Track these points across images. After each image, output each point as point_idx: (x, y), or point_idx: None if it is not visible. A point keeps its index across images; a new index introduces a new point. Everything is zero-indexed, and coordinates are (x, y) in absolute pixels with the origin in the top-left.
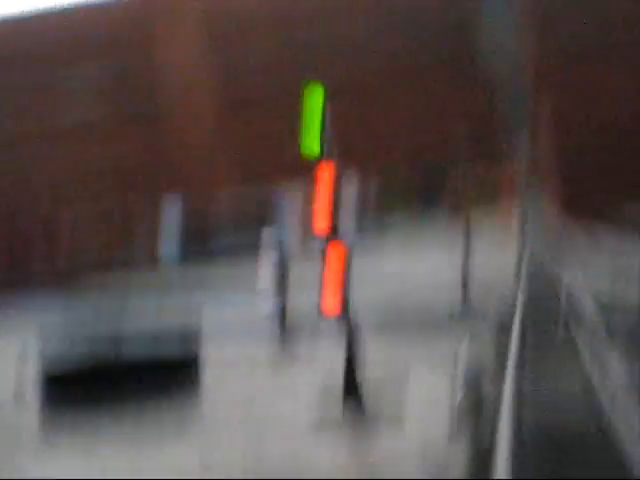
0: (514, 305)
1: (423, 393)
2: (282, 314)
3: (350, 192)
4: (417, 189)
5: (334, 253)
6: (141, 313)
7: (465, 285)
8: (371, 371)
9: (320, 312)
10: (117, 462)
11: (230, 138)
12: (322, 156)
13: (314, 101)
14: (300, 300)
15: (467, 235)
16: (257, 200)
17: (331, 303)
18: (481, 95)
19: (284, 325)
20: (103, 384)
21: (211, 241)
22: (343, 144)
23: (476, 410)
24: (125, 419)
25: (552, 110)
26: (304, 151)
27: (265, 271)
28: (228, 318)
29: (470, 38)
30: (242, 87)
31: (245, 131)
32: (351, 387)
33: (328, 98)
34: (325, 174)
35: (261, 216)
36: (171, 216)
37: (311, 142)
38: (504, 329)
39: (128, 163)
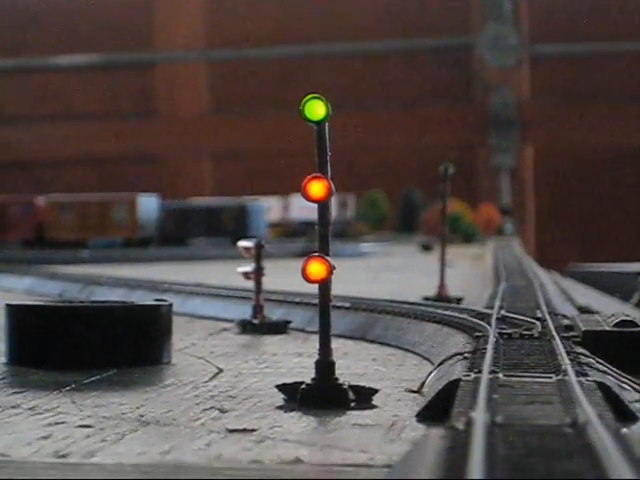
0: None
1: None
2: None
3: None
4: (397, 212)
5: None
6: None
7: (442, 285)
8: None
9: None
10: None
11: (215, 143)
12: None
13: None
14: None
15: (443, 255)
16: (233, 207)
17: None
18: (472, 132)
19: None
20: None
21: (187, 242)
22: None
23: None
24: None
25: (535, 155)
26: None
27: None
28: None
29: (467, 73)
30: (236, 94)
31: (231, 137)
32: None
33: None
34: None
35: (236, 224)
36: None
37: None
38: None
39: (109, 156)
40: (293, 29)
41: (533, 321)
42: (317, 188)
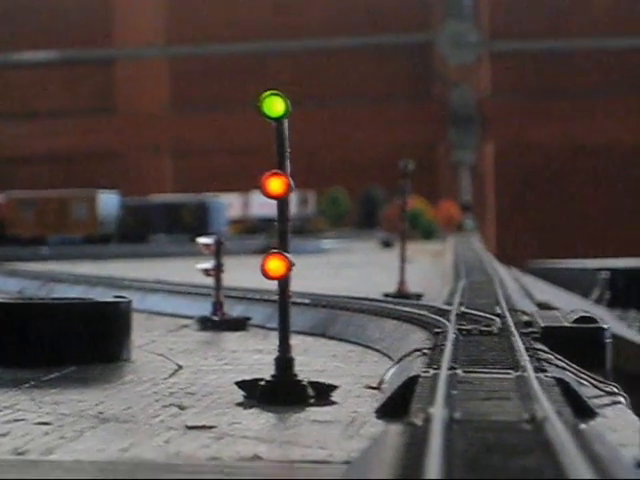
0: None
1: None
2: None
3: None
4: (357, 208)
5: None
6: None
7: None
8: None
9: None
10: None
11: (175, 139)
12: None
13: (272, 111)
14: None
15: (403, 251)
16: (193, 204)
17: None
18: (432, 129)
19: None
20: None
21: (147, 238)
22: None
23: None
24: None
25: (495, 152)
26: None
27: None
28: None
29: (427, 70)
30: (197, 91)
31: (192, 134)
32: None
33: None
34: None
35: (196, 220)
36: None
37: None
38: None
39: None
40: (254, 25)
41: (492, 317)
42: (276, 185)
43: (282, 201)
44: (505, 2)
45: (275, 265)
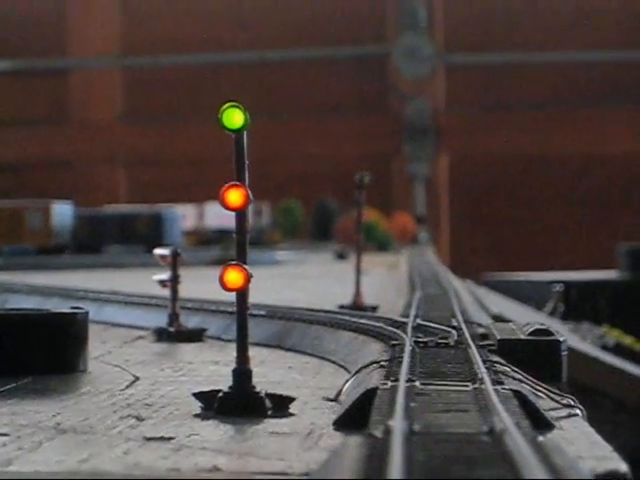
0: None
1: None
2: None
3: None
4: (312, 220)
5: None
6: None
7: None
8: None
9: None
10: None
11: (129, 150)
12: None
13: (232, 123)
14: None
15: (358, 262)
16: (148, 215)
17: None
18: (387, 141)
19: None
20: None
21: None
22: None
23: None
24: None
25: (450, 164)
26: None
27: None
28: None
29: (383, 83)
30: (151, 101)
31: (146, 144)
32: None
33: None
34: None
35: (151, 231)
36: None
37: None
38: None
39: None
40: (209, 37)
41: (449, 329)
42: (235, 196)
43: (241, 213)
44: (459, 15)
45: (233, 277)
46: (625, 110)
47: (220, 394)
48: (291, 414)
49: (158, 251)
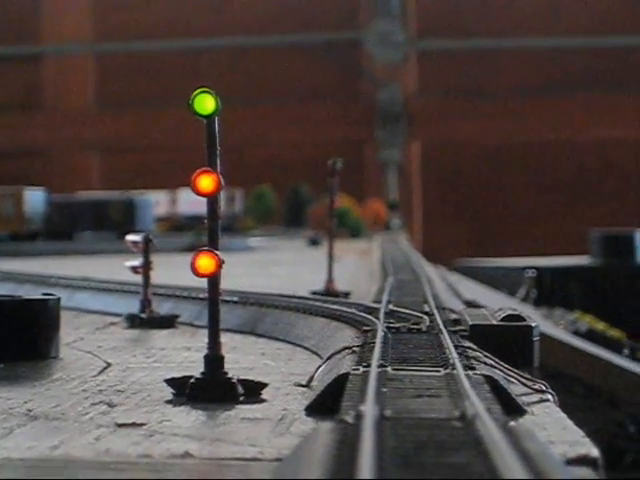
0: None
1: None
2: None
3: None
4: (285, 206)
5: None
6: None
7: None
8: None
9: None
10: None
11: (102, 136)
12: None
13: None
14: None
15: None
16: (120, 201)
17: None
18: (360, 128)
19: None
20: None
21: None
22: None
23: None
24: None
25: (422, 151)
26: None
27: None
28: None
29: (355, 69)
30: (124, 88)
31: (119, 131)
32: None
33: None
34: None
35: (123, 218)
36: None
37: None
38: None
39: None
40: (184, 22)
41: (421, 315)
42: (206, 182)
43: (212, 199)
44: (432, 2)
45: (205, 262)
46: (597, 97)
47: (192, 380)
48: (263, 400)
49: (130, 237)
